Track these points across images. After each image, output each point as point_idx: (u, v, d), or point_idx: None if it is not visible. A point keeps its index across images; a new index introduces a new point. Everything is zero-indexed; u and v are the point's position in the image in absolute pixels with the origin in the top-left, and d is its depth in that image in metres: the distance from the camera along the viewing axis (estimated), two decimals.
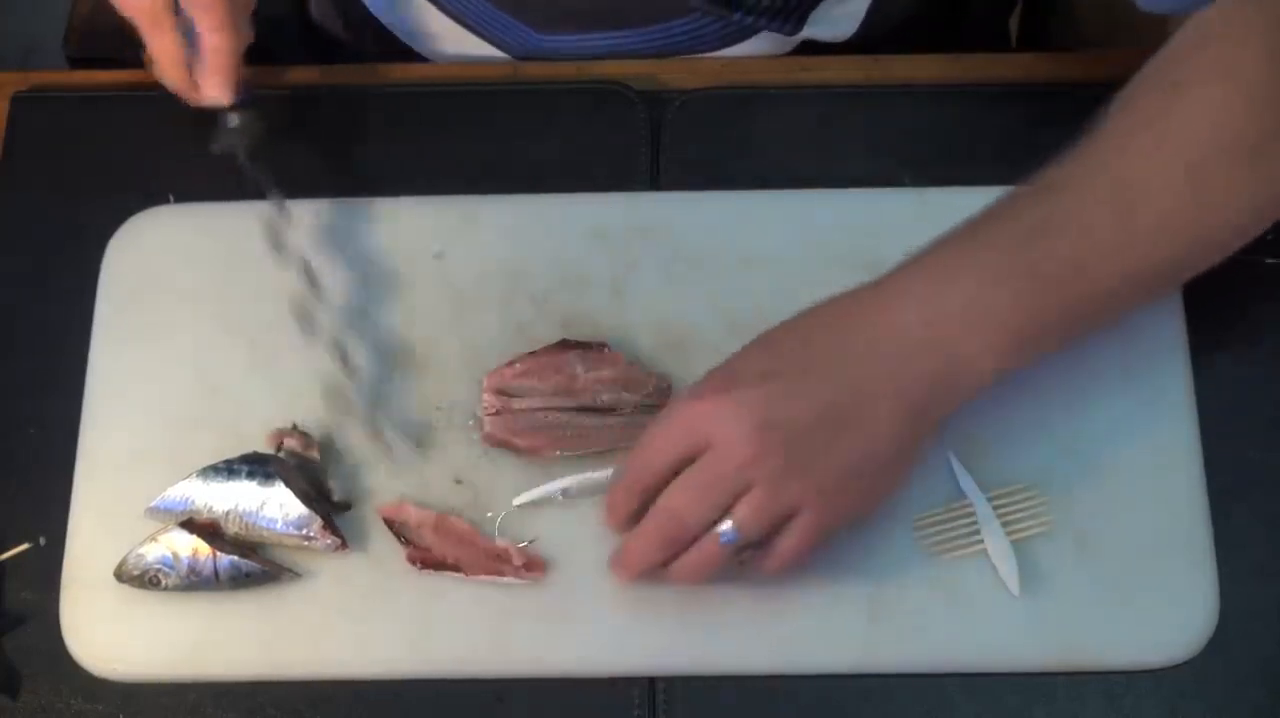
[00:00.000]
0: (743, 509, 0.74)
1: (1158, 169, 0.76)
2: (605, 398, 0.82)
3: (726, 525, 0.74)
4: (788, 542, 0.75)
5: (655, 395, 0.83)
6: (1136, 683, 0.79)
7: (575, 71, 0.95)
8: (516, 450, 0.82)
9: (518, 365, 0.83)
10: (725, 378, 0.75)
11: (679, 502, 0.74)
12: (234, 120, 0.85)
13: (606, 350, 0.83)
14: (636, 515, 0.76)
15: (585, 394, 0.82)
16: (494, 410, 0.82)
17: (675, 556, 0.75)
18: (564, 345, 0.84)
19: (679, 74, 0.95)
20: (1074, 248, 0.75)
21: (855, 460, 0.74)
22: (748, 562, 0.76)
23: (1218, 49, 0.77)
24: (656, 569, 0.76)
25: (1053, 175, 0.77)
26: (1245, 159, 0.76)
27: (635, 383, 0.83)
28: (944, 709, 0.79)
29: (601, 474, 0.81)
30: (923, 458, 0.79)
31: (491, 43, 1.00)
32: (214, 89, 0.84)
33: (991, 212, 0.77)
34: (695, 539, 0.75)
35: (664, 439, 0.75)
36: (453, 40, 1.01)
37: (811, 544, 0.75)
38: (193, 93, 0.85)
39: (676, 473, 0.75)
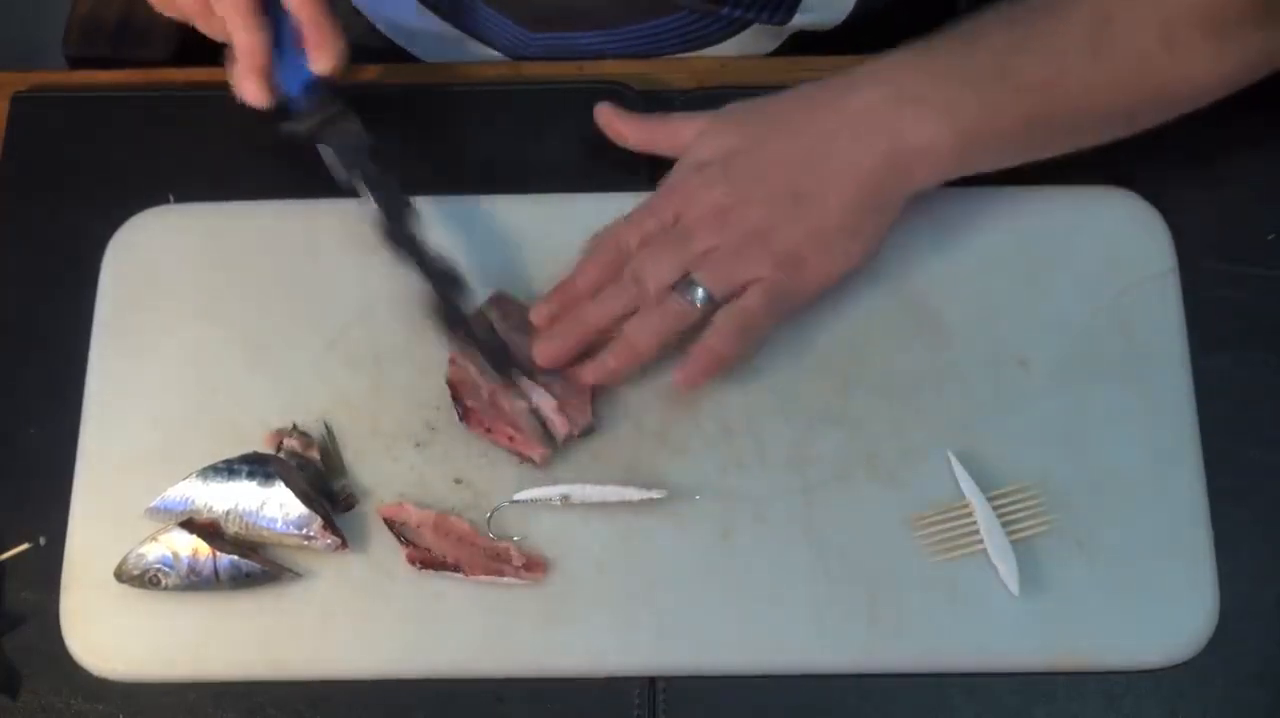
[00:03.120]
0: (707, 269, 0.80)
1: (1137, 17, 0.80)
2: None
3: (691, 291, 0.79)
4: (746, 302, 0.80)
5: None
6: (1136, 683, 0.79)
7: (575, 71, 0.95)
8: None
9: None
10: (689, 162, 0.83)
11: (643, 261, 0.81)
12: (328, 153, 0.83)
13: None
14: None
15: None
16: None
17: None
18: None
19: (679, 74, 0.95)
20: (1044, 66, 0.80)
21: (810, 233, 0.80)
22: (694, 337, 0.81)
23: None
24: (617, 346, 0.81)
25: None
26: (1216, 32, 0.80)
27: None
28: (944, 709, 0.79)
29: (603, 488, 0.81)
30: (878, 238, 0.82)
31: (484, 42, 1.00)
32: (245, 92, 0.82)
33: (973, 20, 0.82)
34: (653, 304, 0.80)
35: (637, 217, 0.82)
36: (445, 40, 1.01)
37: (767, 310, 0.80)
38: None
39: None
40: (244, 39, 0.81)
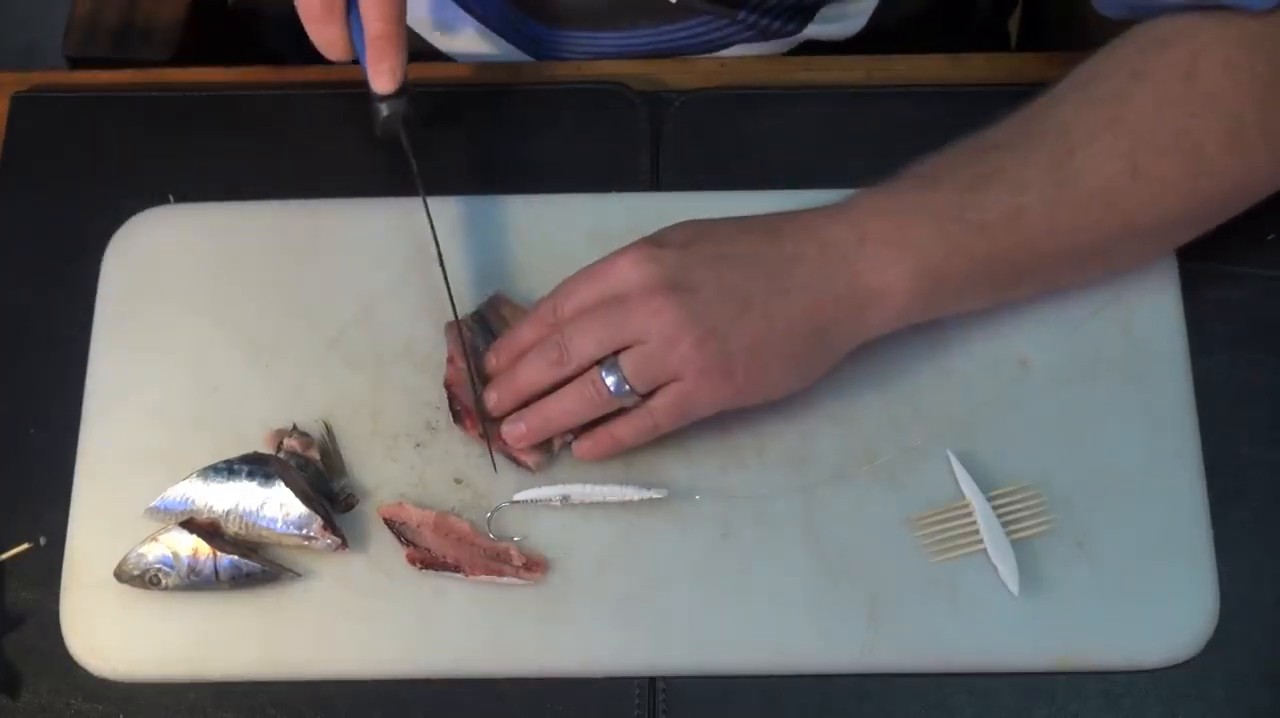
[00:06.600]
0: (633, 357, 0.77)
1: (1103, 148, 0.78)
2: None
3: (612, 375, 0.77)
4: (657, 403, 0.78)
5: None
6: (1136, 683, 0.79)
7: (575, 71, 0.95)
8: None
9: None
10: (651, 240, 0.79)
11: (571, 333, 0.78)
12: (385, 109, 0.84)
13: None
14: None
15: None
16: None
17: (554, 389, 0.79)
18: None
19: (679, 74, 0.95)
20: (1008, 203, 0.78)
21: (746, 347, 0.77)
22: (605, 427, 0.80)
23: (1180, 51, 0.79)
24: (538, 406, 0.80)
25: (1000, 132, 0.80)
26: (1187, 159, 0.78)
27: None
28: (944, 709, 0.79)
29: (603, 488, 0.81)
30: (811, 377, 0.80)
31: (504, 37, 1.00)
32: (377, 78, 0.83)
33: (937, 158, 0.80)
34: (576, 376, 0.78)
35: (578, 285, 0.79)
36: (465, 34, 1.01)
37: (677, 414, 0.78)
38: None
39: None
40: (381, 27, 0.83)
